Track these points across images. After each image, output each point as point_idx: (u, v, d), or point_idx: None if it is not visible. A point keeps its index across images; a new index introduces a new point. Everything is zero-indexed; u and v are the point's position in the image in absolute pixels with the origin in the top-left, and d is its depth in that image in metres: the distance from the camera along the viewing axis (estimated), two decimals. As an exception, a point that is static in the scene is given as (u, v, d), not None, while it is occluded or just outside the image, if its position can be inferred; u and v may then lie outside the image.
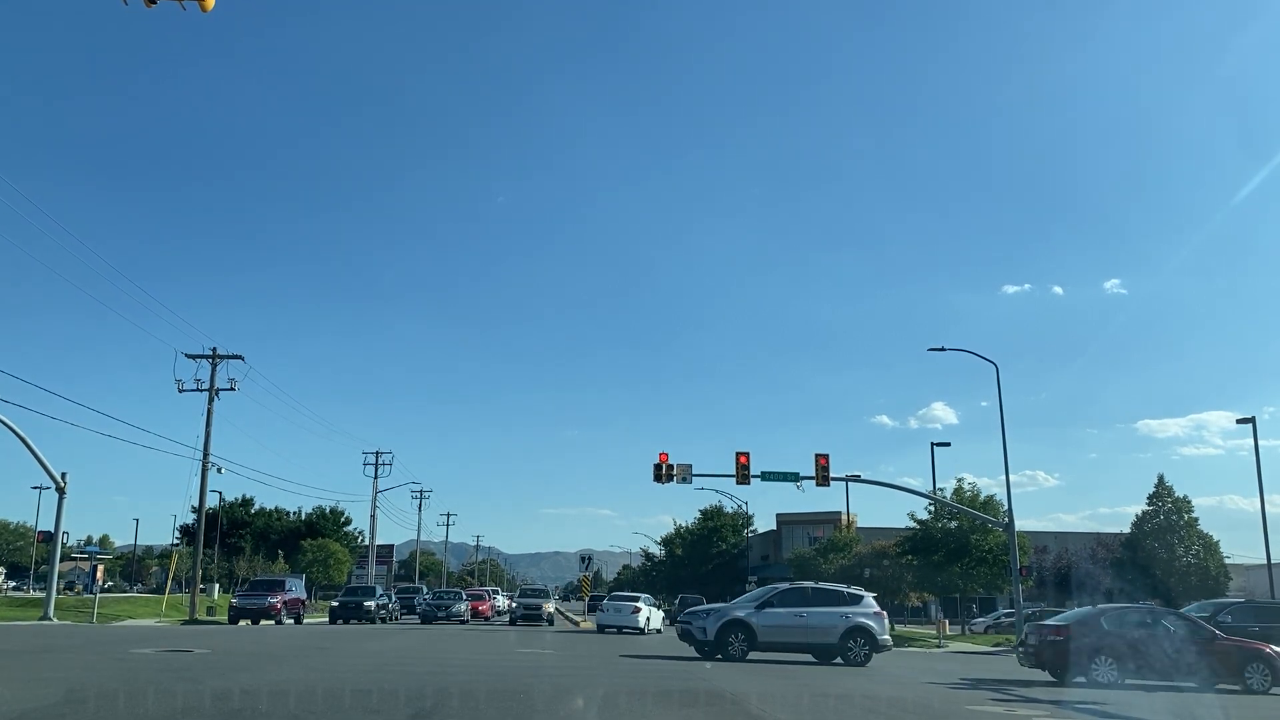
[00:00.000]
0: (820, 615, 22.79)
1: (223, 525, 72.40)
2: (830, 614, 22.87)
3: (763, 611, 22.74)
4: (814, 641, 22.77)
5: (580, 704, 12.59)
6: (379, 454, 73.92)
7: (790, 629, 22.58)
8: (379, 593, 47.37)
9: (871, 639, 22.78)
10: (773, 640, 22.57)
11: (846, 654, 22.51)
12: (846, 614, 22.90)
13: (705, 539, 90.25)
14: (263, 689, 12.55)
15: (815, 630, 22.62)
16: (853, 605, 23.25)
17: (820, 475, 37.67)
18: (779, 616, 22.71)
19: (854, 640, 22.62)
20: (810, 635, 22.64)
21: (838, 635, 22.58)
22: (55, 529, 39.99)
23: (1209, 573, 46.18)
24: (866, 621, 22.94)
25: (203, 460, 43.69)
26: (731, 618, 22.59)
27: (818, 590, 23.84)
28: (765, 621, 22.58)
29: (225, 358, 44.38)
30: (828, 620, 22.76)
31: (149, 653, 19.09)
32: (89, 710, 10.40)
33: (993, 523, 44.02)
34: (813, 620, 22.68)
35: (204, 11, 13.21)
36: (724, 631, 22.31)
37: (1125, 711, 14.33)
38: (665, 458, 37.12)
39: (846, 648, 22.53)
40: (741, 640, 22.26)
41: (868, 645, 22.69)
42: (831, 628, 22.66)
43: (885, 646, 23.25)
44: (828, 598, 23.41)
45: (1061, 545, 62.88)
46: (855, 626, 22.74)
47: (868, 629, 22.83)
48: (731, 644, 22.20)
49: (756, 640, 22.37)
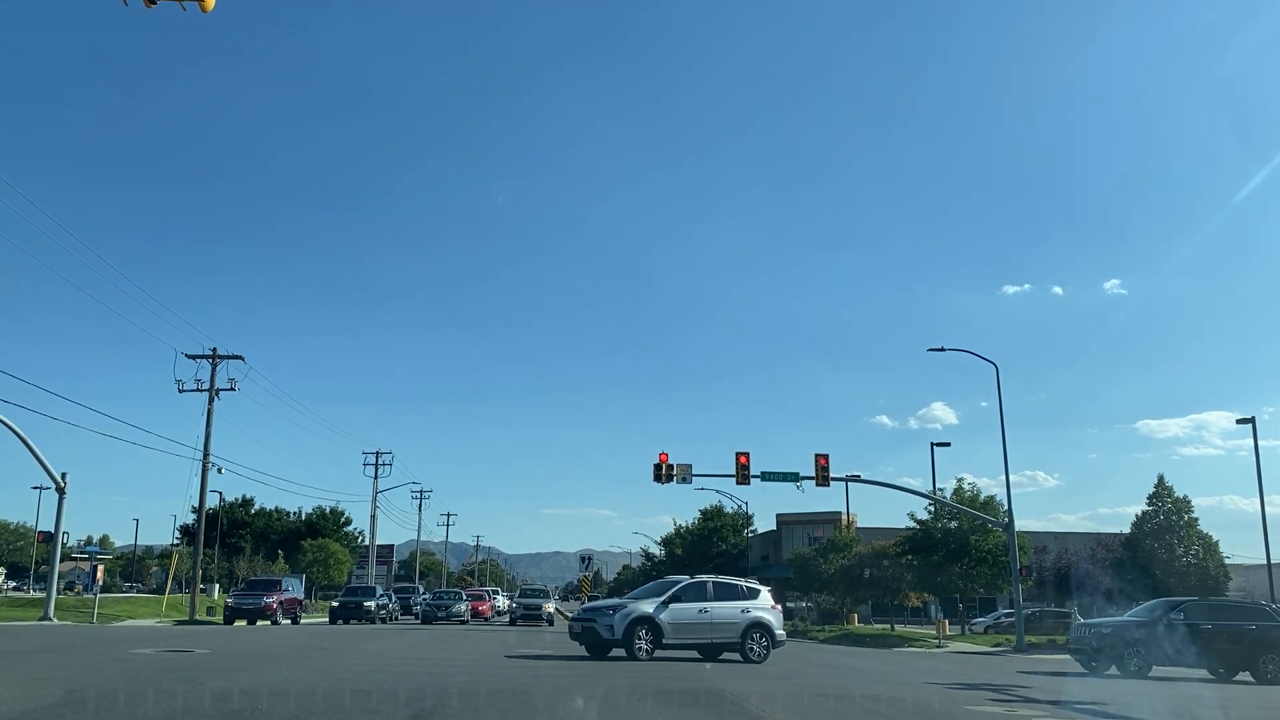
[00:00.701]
0: (723, 610, 21.39)
1: (223, 525, 72.43)
2: (732, 609, 21.55)
3: (670, 607, 20.96)
4: (717, 639, 21.39)
5: (580, 704, 12.60)
6: (379, 454, 74.02)
7: (696, 626, 21.12)
8: (379, 593, 47.37)
9: (771, 635, 21.62)
10: (679, 639, 21.01)
11: (747, 651, 21.24)
12: (747, 608, 21.67)
13: (705, 539, 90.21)
14: (263, 689, 12.56)
15: (719, 627, 21.25)
16: (752, 599, 22.01)
17: (820, 475, 37.69)
18: (685, 613, 21.09)
19: (754, 636, 21.41)
20: (714, 632, 21.27)
21: (739, 631, 21.34)
22: (55, 529, 40.00)
23: (1209, 573, 46.13)
24: (766, 616, 21.81)
25: (203, 460, 43.70)
26: (640, 614, 20.69)
27: (719, 584, 22.33)
28: (672, 618, 20.90)
29: (225, 358, 44.42)
30: (730, 616, 21.43)
31: (149, 653, 19.10)
32: (89, 710, 10.40)
33: (993, 523, 44.02)
34: (716, 616, 21.28)
35: (204, 12, 13.22)
36: (632, 629, 20.50)
37: (1125, 711, 14.33)
38: (665, 458, 37.15)
39: (747, 644, 21.27)
40: (648, 638, 20.57)
41: (767, 641, 21.54)
42: (733, 623, 21.37)
43: (782, 642, 22.26)
44: (729, 592, 22.06)
45: (1061, 545, 62.87)
46: (756, 622, 21.55)
47: (767, 624, 21.69)
48: (639, 643, 20.44)
49: (663, 638, 20.72)
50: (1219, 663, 22.77)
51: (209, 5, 13.04)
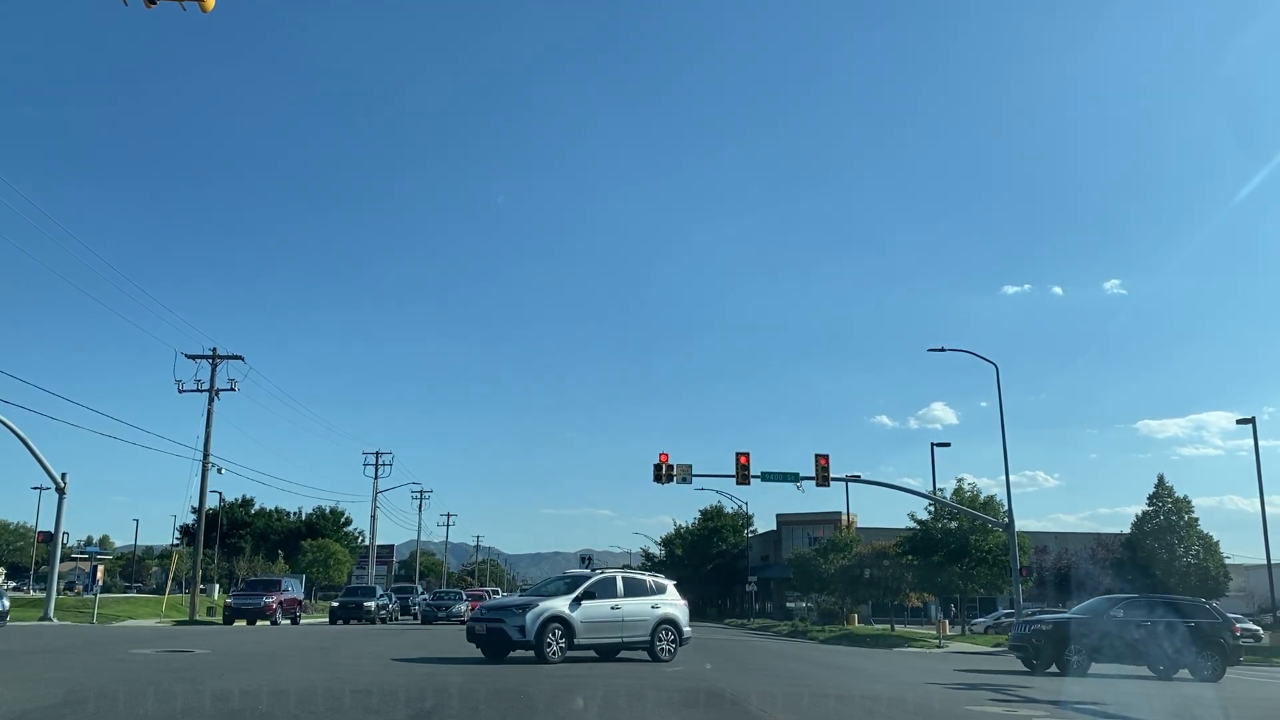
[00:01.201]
0: (634, 607, 19.98)
1: (223, 525, 72.51)
2: (643, 605, 20.18)
3: (583, 605, 19.24)
4: (628, 638, 19.93)
5: (580, 704, 12.60)
6: (379, 454, 74.06)
7: (608, 624, 19.57)
8: (379, 593, 47.39)
9: (679, 631, 20.50)
10: (590, 638, 19.36)
11: (656, 650, 19.98)
12: (657, 604, 20.40)
13: (705, 539, 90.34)
14: (263, 689, 12.56)
15: (630, 625, 19.84)
16: (660, 595, 20.77)
17: (820, 475, 37.70)
18: (598, 610, 19.48)
19: (663, 634, 20.18)
20: (625, 631, 19.83)
21: (649, 629, 20.04)
22: (55, 529, 40.04)
23: (1209, 573, 46.18)
24: (674, 612, 20.63)
25: (203, 460, 43.73)
26: (554, 613, 18.80)
27: (629, 579, 20.85)
28: (585, 616, 19.18)
29: (225, 358, 44.46)
30: (641, 612, 20.07)
31: (149, 653, 19.11)
32: (89, 710, 10.41)
33: (993, 523, 44.05)
34: (628, 613, 19.85)
35: (204, 12, 13.23)
36: (545, 629, 18.59)
37: (1125, 712, 14.34)
38: (665, 458, 37.15)
39: (657, 643, 20.00)
40: (561, 639, 18.72)
41: (675, 638, 20.38)
42: (643, 621, 20.05)
43: (688, 640, 21.07)
44: (638, 587, 20.67)
45: (1061, 545, 62.96)
46: (665, 619, 20.32)
47: (676, 621, 20.52)
48: (551, 644, 18.60)
49: (575, 638, 18.94)
50: (1159, 659, 22.53)
51: (209, 5, 13.05)
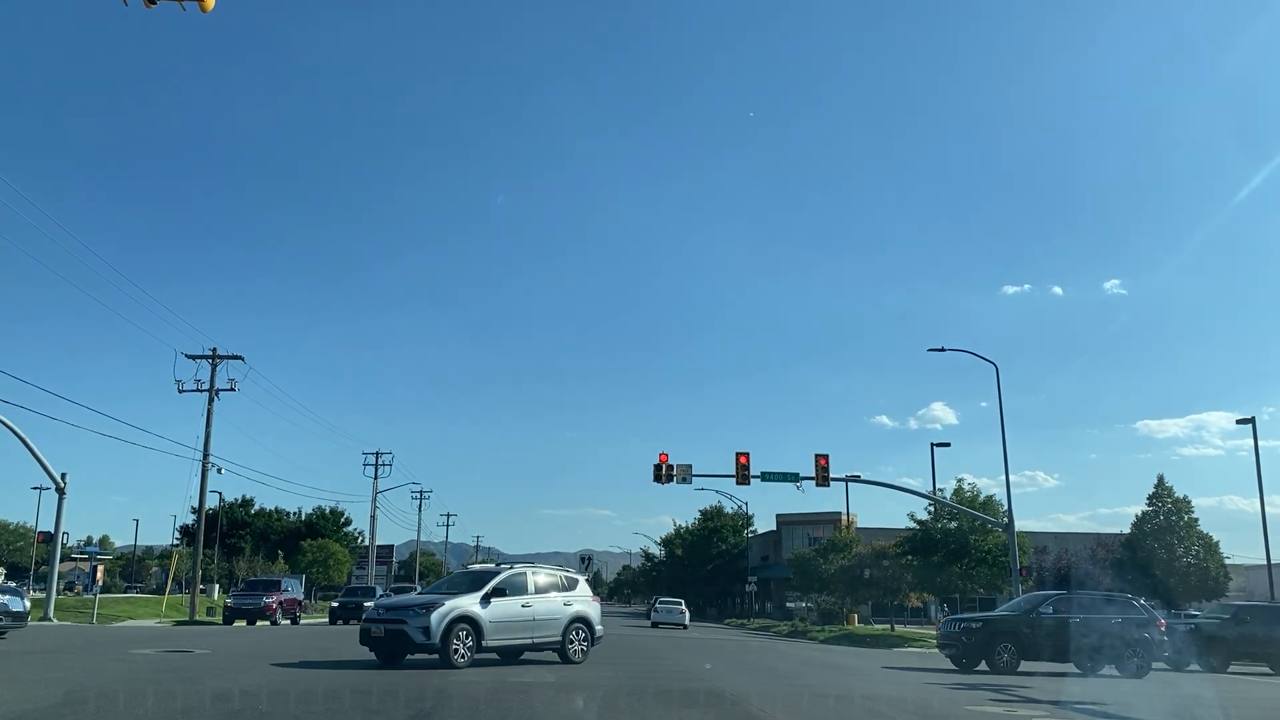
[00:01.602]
0: (546, 605, 18.35)
1: (223, 526, 72.52)
2: (555, 602, 18.59)
3: (492, 603, 17.44)
4: (539, 638, 18.30)
5: (580, 704, 12.60)
6: (379, 454, 74.07)
7: (519, 624, 17.85)
8: (379, 593, 47.40)
9: (591, 630, 19.15)
10: (500, 639, 17.58)
11: (568, 651, 18.54)
12: (569, 601, 18.89)
13: (705, 539, 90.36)
14: (263, 689, 12.56)
15: (541, 623, 18.21)
16: (571, 590, 19.27)
17: (820, 476, 37.72)
18: (508, 609, 17.70)
19: (575, 633, 18.79)
20: (537, 630, 18.17)
21: (561, 628, 18.52)
22: (55, 529, 40.01)
23: (1209, 573, 46.22)
24: (586, 610, 19.22)
25: (203, 460, 43.73)
26: (462, 612, 16.89)
27: (539, 575, 18.95)
28: (494, 615, 17.39)
29: (225, 358, 44.45)
30: (553, 610, 18.48)
31: (149, 653, 19.11)
32: (89, 710, 10.41)
33: (992, 523, 44.05)
34: (540, 611, 18.18)
35: (204, 12, 13.23)
36: (451, 630, 16.70)
37: (1125, 712, 14.34)
38: (665, 458, 37.18)
39: (569, 643, 18.55)
40: (468, 641, 16.90)
41: (588, 638, 19.05)
42: (555, 619, 18.47)
43: (600, 639, 19.78)
44: (549, 583, 18.94)
45: (1061, 545, 62.93)
46: (577, 616, 18.89)
47: (588, 619, 19.11)
48: (457, 646, 16.70)
49: (483, 639, 17.12)
50: (1086, 656, 22.57)
51: (208, 5, 13.05)
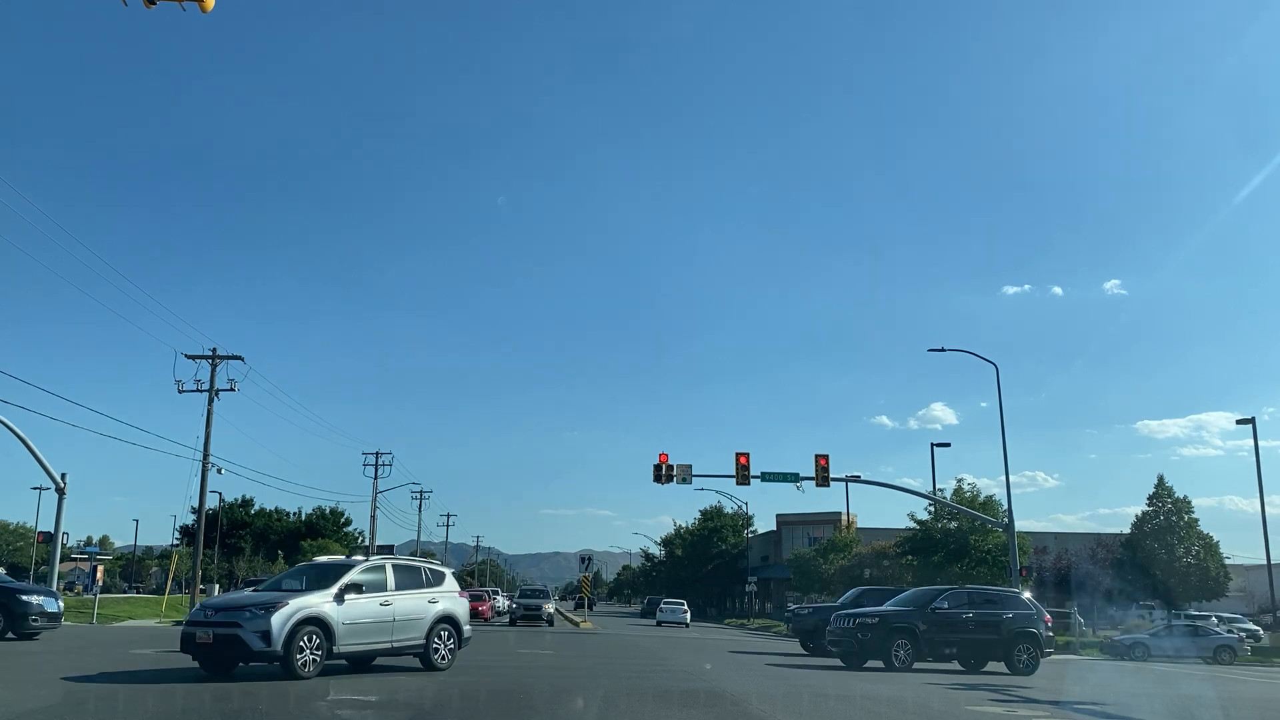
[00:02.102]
0: (408, 603, 15.99)
1: (223, 526, 72.54)
2: (418, 600, 16.27)
3: (346, 601, 14.87)
4: (400, 641, 15.83)
5: (580, 704, 12.60)
6: (379, 454, 73.91)
7: (377, 625, 15.42)
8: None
9: (458, 631, 16.89)
10: (354, 643, 15.07)
11: (433, 656, 16.15)
12: (434, 598, 16.57)
13: (705, 539, 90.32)
14: (262, 689, 12.56)
15: (403, 624, 15.80)
16: (437, 586, 16.92)
17: (820, 476, 37.72)
18: (364, 608, 15.20)
19: (441, 635, 16.47)
20: (398, 632, 15.77)
21: (425, 629, 16.21)
22: (55, 529, 39.99)
23: (1209, 573, 46.18)
24: (453, 608, 16.93)
25: (203, 461, 43.72)
26: (310, 612, 14.21)
27: (400, 568, 16.58)
28: (348, 616, 14.80)
29: (225, 358, 44.39)
30: (416, 609, 16.13)
31: (149, 653, 19.10)
32: (89, 710, 10.41)
33: (992, 523, 44.05)
34: (401, 610, 15.75)
35: (204, 12, 13.22)
36: (296, 634, 13.90)
37: (1125, 712, 14.34)
38: (665, 458, 37.18)
39: (433, 646, 16.25)
40: (317, 646, 14.21)
41: (454, 640, 16.78)
42: (418, 619, 16.14)
43: (468, 640, 17.56)
44: (412, 577, 16.62)
45: (1061, 546, 62.88)
46: (443, 616, 16.57)
47: (455, 619, 16.85)
48: (304, 654, 13.95)
49: (334, 644, 14.52)
50: (977, 652, 22.51)
51: (208, 5, 13.05)
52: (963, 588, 25.04)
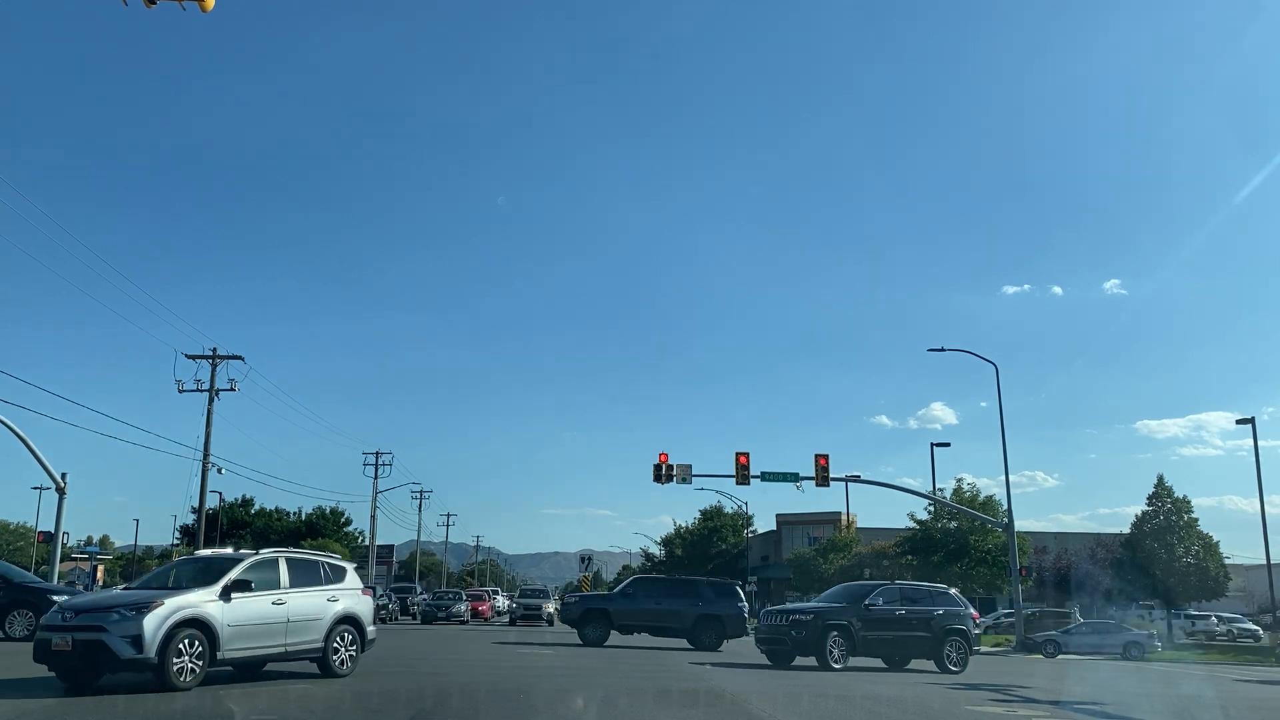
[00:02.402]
0: (305, 602, 14.16)
1: (223, 525, 72.52)
2: (316, 599, 14.40)
3: (233, 600, 12.87)
4: (295, 645, 13.93)
5: (580, 704, 12.61)
6: (379, 454, 74.03)
7: (269, 627, 13.51)
8: (379, 593, 47.40)
9: (361, 632, 15.05)
10: (241, 648, 13.02)
11: (331, 660, 14.33)
12: (335, 596, 14.70)
13: (705, 539, 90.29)
14: (262, 689, 12.57)
15: (299, 626, 13.95)
16: (338, 582, 15.05)
17: (820, 475, 37.76)
18: (254, 608, 13.25)
19: (342, 638, 14.63)
20: (293, 635, 13.85)
21: (323, 631, 14.32)
22: (55, 529, 39.97)
23: (1209, 573, 46.20)
24: (355, 607, 15.05)
25: (203, 460, 43.74)
26: (190, 613, 12.26)
27: (295, 562, 14.62)
28: (235, 617, 12.86)
29: (225, 358, 44.43)
30: (313, 608, 14.28)
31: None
32: (89, 710, 10.40)
33: (992, 523, 44.08)
34: (296, 610, 13.94)
35: (204, 12, 13.23)
36: (173, 638, 11.92)
37: (1125, 712, 14.35)
38: (665, 458, 37.23)
39: (332, 649, 14.39)
40: (197, 653, 12.18)
41: (357, 642, 14.92)
42: (316, 620, 14.25)
43: (373, 642, 15.58)
44: (309, 573, 14.69)
45: (1061, 545, 62.93)
46: (344, 616, 14.73)
47: (357, 619, 15.00)
48: (182, 661, 11.97)
49: (219, 650, 12.53)
50: (909, 649, 22.17)
51: (208, 5, 13.06)
52: (894, 583, 24.54)
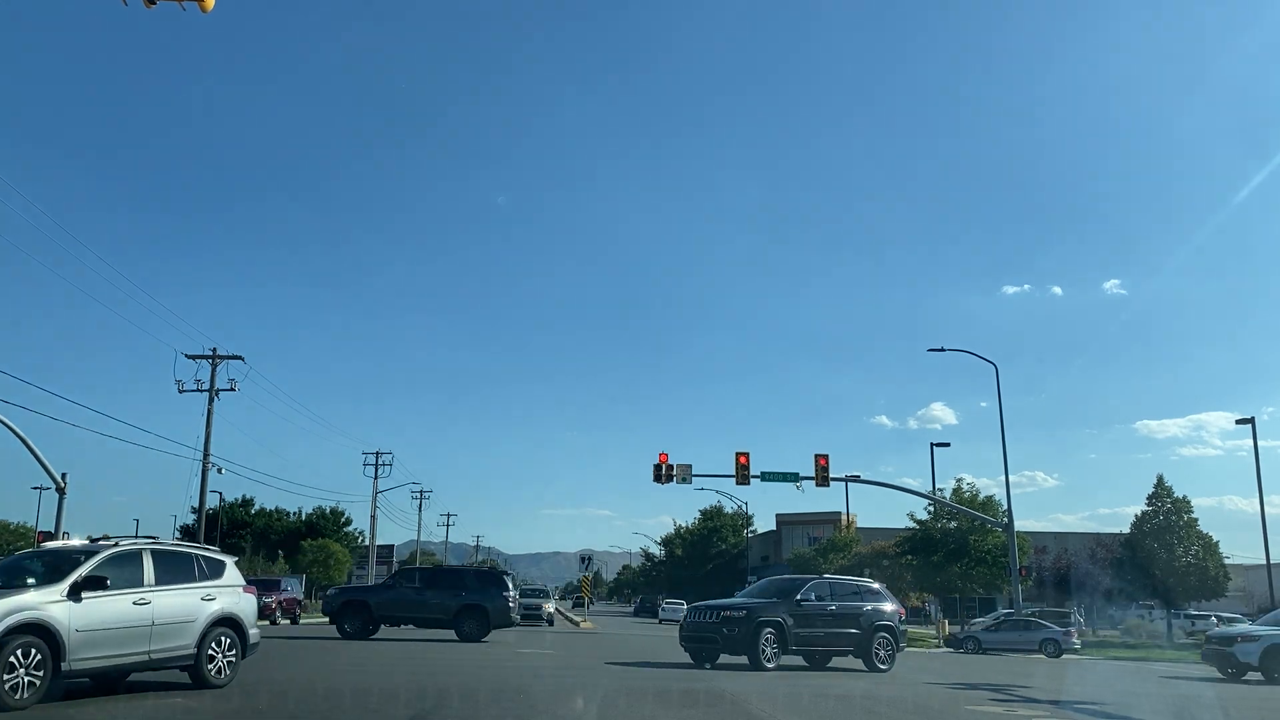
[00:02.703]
0: (173, 601, 12.14)
1: (223, 526, 72.46)
2: (188, 597, 12.39)
3: (84, 602, 10.96)
4: (161, 652, 11.91)
5: (580, 704, 12.61)
6: (379, 454, 74.02)
7: (129, 632, 11.47)
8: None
9: (242, 636, 13.09)
10: (96, 659, 11.06)
11: (204, 670, 12.31)
12: (210, 594, 12.69)
13: (705, 539, 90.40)
14: (262, 689, 12.57)
15: (166, 631, 11.94)
16: (215, 578, 13.04)
17: (820, 476, 37.76)
18: (112, 609, 11.32)
19: (219, 642, 12.58)
20: (157, 641, 11.82)
21: (196, 635, 12.27)
22: (55, 529, 39.94)
23: (1208, 573, 46.23)
24: (234, 607, 13.06)
25: (203, 460, 43.71)
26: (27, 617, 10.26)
27: (161, 556, 12.50)
28: (88, 620, 10.93)
29: (225, 358, 44.38)
30: (184, 608, 12.24)
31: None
32: (89, 711, 10.41)
33: (992, 523, 44.09)
34: (163, 610, 11.94)
35: (204, 12, 13.23)
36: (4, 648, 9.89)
37: (1125, 712, 14.35)
38: (665, 458, 37.24)
39: (207, 658, 12.39)
40: (35, 666, 10.19)
41: (237, 649, 12.88)
42: (188, 622, 12.21)
43: (255, 647, 13.59)
44: (180, 568, 12.65)
45: (1061, 545, 62.99)
46: (222, 617, 12.73)
47: (238, 621, 13.04)
48: (16, 675, 9.96)
49: (64, 660, 10.55)
50: (838, 647, 20.82)
51: (208, 5, 13.06)
52: (823, 578, 23.02)
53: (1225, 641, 23.54)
